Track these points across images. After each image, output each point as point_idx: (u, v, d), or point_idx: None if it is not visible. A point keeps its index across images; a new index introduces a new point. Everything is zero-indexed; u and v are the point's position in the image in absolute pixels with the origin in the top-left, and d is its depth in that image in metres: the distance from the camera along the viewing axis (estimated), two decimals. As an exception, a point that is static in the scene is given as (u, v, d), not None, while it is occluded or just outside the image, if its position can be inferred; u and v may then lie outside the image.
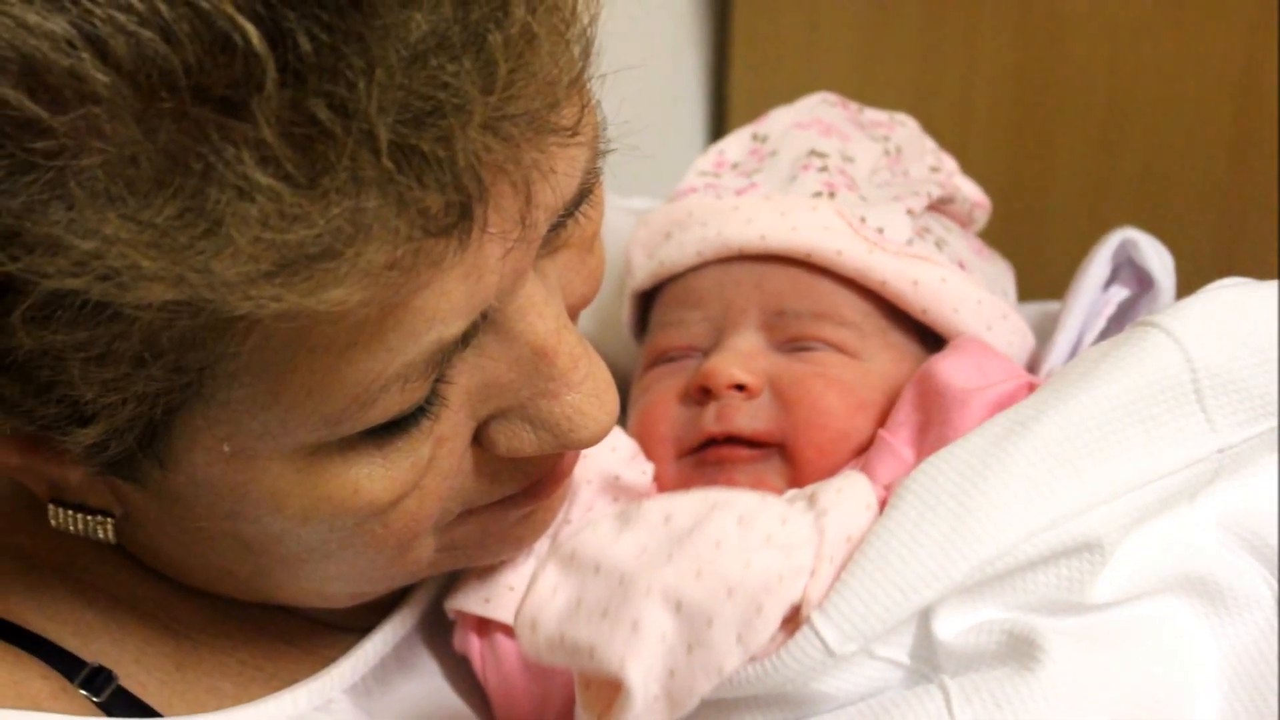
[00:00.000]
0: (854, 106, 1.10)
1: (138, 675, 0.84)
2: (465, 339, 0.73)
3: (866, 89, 1.40)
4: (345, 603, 0.88)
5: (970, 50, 1.56)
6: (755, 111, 1.10)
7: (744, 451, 0.94)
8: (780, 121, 1.08)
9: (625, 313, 1.06)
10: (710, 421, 0.94)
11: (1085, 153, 1.50)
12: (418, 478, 0.77)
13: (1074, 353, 0.97)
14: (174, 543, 0.84)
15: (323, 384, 0.70)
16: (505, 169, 0.69)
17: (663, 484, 0.95)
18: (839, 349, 0.96)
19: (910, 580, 0.75)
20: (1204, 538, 0.82)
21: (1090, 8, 1.47)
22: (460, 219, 0.67)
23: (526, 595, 0.75)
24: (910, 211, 0.99)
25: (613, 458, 0.94)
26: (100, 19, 0.60)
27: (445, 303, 0.70)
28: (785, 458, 0.94)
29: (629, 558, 0.74)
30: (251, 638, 0.90)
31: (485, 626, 0.92)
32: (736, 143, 1.08)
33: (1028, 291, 1.08)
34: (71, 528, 0.82)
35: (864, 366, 0.96)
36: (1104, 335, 0.97)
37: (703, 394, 0.95)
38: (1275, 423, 0.81)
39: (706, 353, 0.98)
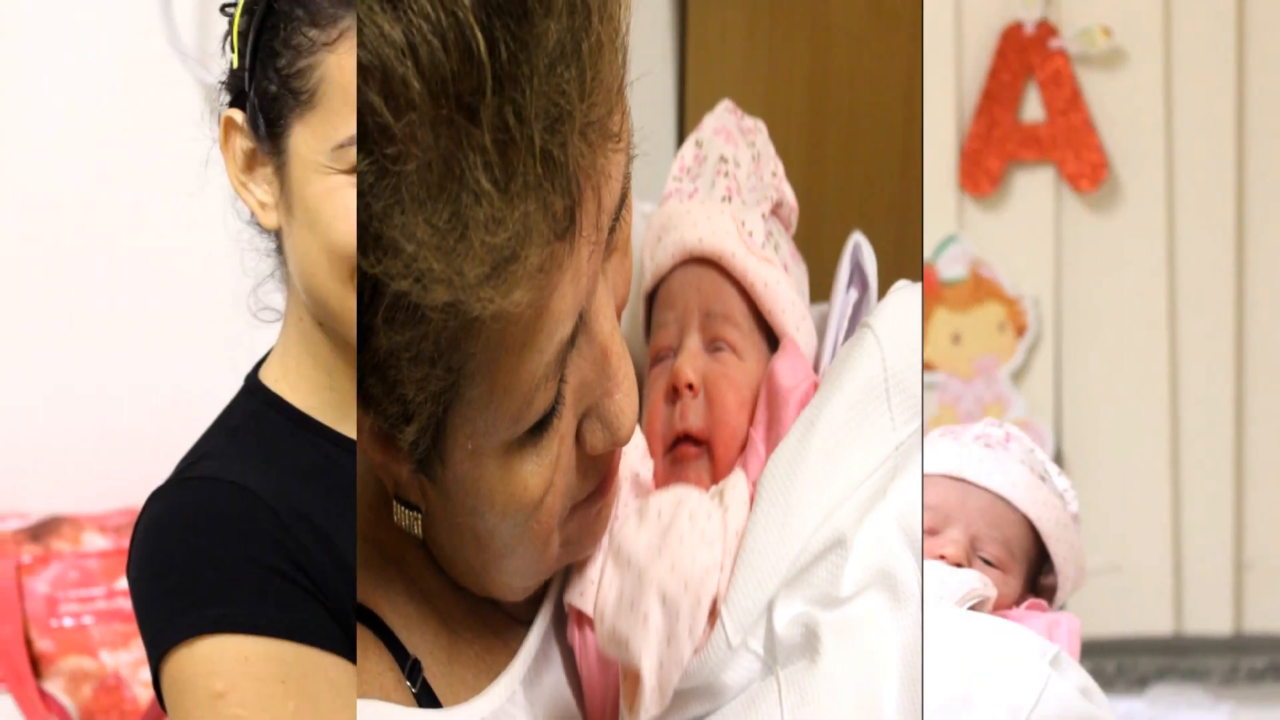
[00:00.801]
0: (739, 113, 1.13)
1: (430, 666, 0.89)
2: (573, 338, 0.74)
3: (753, 96, 1.44)
4: (520, 596, 0.92)
5: (787, 53, 1.59)
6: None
7: (692, 449, 0.99)
8: (707, 128, 1.11)
9: (640, 314, 1.11)
10: (676, 420, 0.99)
11: (841, 157, 1.51)
12: (554, 474, 0.79)
13: (834, 353, 1.00)
14: (446, 538, 0.86)
15: (513, 382, 0.72)
16: (589, 174, 0.68)
17: (656, 480, 1.00)
18: (733, 349, 1.01)
19: (764, 574, 0.78)
20: (890, 533, 0.82)
21: (843, 17, 1.52)
22: (570, 223, 0.68)
23: (598, 590, 0.81)
24: (763, 215, 1.05)
25: (635, 455, 0.99)
26: (415, 29, 0.60)
27: (563, 304, 0.71)
28: (709, 455, 0.99)
29: (641, 552, 0.79)
30: (479, 631, 0.94)
31: (581, 619, 0.95)
32: (689, 149, 1.11)
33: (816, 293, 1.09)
34: (404, 523, 0.84)
35: (746, 366, 1.01)
36: (848, 335, 1.00)
37: (674, 394, 1.00)
38: (919, 422, 0.84)
39: (677, 353, 1.02)
